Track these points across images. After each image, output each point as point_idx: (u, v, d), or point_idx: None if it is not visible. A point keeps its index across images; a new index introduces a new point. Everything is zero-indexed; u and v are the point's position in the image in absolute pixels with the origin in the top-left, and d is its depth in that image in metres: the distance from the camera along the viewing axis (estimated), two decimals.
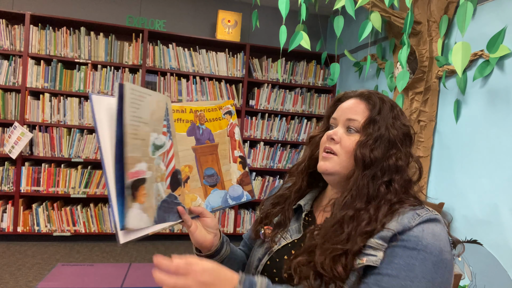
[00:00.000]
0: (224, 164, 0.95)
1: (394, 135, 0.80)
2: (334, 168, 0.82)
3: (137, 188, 0.72)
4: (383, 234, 0.70)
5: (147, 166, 0.74)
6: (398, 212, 0.73)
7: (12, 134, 3.26)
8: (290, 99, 3.93)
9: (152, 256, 3.11)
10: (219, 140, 0.95)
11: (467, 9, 1.73)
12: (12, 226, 3.35)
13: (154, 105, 0.77)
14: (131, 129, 0.70)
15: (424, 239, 0.68)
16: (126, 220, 0.69)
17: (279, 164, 3.94)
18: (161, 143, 0.79)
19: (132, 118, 0.70)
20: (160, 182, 0.78)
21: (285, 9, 2.24)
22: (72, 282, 2.67)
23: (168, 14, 3.90)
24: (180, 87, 3.70)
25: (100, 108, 0.72)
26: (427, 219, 0.71)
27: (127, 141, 0.69)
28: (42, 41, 3.39)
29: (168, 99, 0.84)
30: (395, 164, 0.78)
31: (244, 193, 0.96)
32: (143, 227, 0.73)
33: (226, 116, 0.97)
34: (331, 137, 0.83)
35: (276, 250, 0.85)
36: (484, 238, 2.06)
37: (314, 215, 0.90)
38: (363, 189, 0.76)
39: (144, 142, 0.74)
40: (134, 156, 0.71)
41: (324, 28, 4.30)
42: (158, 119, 0.79)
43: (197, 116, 0.93)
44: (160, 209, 0.77)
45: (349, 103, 0.85)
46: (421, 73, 2.45)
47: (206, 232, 0.87)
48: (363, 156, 0.78)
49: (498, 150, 2.03)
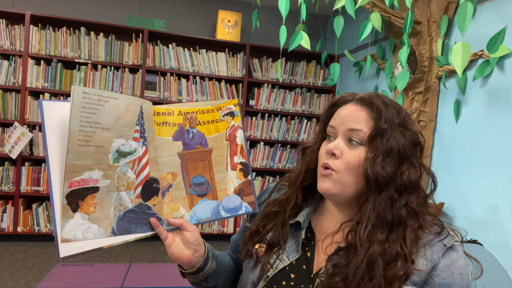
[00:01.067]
0: (219, 172, 0.85)
1: (405, 146, 0.73)
2: (336, 188, 0.74)
3: (83, 197, 0.68)
4: (416, 279, 0.68)
5: (102, 174, 0.71)
6: (423, 242, 0.70)
7: (12, 134, 3.26)
8: (290, 99, 3.93)
9: (152, 256, 3.09)
10: (215, 144, 0.85)
11: (467, 9, 1.73)
12: (12, 226, 3.35)
13: (122, 109, 0.73)
14: (80, 136, 0.67)
15: (455, 285, 0.69)
16: (64, 231, 0.66)
17: (279, 164, 3.94)
18: (129, 150, 0.74)
19: (83, 124, 0.67)
20: (126, 191, 0.74)
21: (285, 9, 2.23)
22: (72, 282, 2.67)
23: (168, 14, 3.90)
24: (180, 87, 3.70)
25: (51, 114, 0.69)
26: (450, 247, 0.71)
27: (69, 148, 0.66)
28: (42, 41, 3.39)
29: (144, 102, 0.78)
30: (409, 180, 0.71)
31: (242, 205, 0.84)
32: (90, 238, 0.68)
33: (226, 117, 0.87)
34: (332, 152, 0.74)
35: (272, 275, 0.77)
36: (484, 238, 2.06)
37: (313, 229, 0.83)
38: (383, 216, 0.70)
39: (100, 149, 0.70)
40: (79, 164, 0.68)
41: (324, 28, 4.30)
42: (127, 124, 0.74)
43: (187, 119, 0.84)
44: (123, 220, 0.73)
45: (348, 109, 0.77)
46: (421, 73, 2.44)
47: (184, 247, 0.78)
48: (376, 175, 0.70)
49: (498, 150, 2.03)
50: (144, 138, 0.77)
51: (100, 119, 0.70)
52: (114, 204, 0.72)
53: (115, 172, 0.73)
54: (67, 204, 0.67)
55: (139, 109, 0.76)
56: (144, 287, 2.69)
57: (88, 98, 0.68)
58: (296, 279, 0.76)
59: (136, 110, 0.76)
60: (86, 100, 0.68)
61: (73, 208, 0.68)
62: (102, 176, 0.71)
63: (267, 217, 0.85)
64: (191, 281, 0.84)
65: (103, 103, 0.70)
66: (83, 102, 0.67)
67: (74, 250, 0.67)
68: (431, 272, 0.69)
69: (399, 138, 0.73)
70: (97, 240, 0.69)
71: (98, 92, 0.69)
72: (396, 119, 0.74)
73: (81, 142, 0.68)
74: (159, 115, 0.82)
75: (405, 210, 0.70)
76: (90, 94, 0.68)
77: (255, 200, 0.86)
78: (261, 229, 0.84)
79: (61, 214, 0.66)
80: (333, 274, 0.69)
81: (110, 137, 0.72)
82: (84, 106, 0.67)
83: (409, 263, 0.67)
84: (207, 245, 0.84)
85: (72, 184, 0.67)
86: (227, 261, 0.92)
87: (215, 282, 0.86)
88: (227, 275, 0.90)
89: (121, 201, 0.73)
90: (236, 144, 0.87)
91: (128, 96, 0.75)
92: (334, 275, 0.69)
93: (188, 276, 0.83)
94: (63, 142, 0.68)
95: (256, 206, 0.86)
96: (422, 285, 0.69)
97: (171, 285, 2.73)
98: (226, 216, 0.83)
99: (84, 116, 0.68)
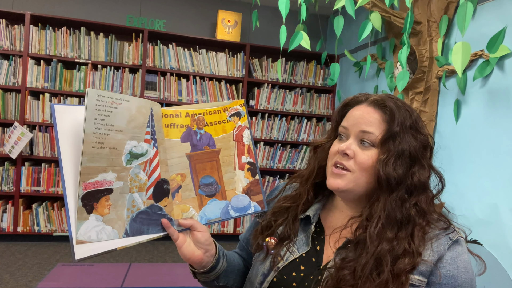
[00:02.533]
0: (227, 172, 0.86)
1: (416, 148, 0.75)
2: (348, 186, 0.76)
3: (98, 199, 0.69)
4: (422, 269, 0.71)
5: (116, 176, 0.71)
6: (429, 236, 0.73)
7: (12, 134, 3.26)
8: (290, 99, 3.93)
9: (152, 256, 3.09)
10: (222, 145, 0.86)
11: (467, 9, 1.73)
12: (12, 226, 3.35)
13: (133, 111, 0.74)
14: (94, 138, 0.68)
15: (460, 277, 0.71)
16: (79, 233, 0.67)
17: (279, 164, 3.94)
18: (141, 152, 0.75)
19: (97, 126, 0.68)
20: (138, 193, 0.74)
21: (285, 9, 2.23)
22: (72, 282, 2.67)
23: (168, 14, 3.90)
24: (180, 87, 3.69)
25: (64, 118, 0.69)
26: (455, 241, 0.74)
27: (84, 150, 0.67)
28: (42, 41, 3.39)
29: (154, 104, 0.79)
30: (419, 181, 0.74)
31: (251, 204, 0.85)
32: (104, 240, 0.69)
33: (233, 118, 0.88)
34: (345, 152, 0.76)
35: (282, 266, 0.80)
36: (484, 238, 2.06)
37: (322, 224, 0.85)
38: (393, 215, 0.72)
39: (114, 151, 0.71)
40: (94, 166, 0.68)
41: (324, 28, 4.30)
42: (139, 126, 0.75)
43: (194, 120, 0.85)
44: (135, 221, 0.73)
45: (361, 111, 0.78)
46: (421, 73, 2.44)
47: (195, 247, 0.79)
48: (388, 176, 0.73)
49: (498, 150, 2.03)
50: (155, 139, 0.78)
51: (113, 121, 0.71)
52: (127, 206, 0.73)
53: (128, 174, 0.74)
54: (82, 206, 0.68)
55: (150, 111, 0.77)
56: (144, 287, 2.69)
57: (101, 100, 0.69)
58: (305, 271, 0.79)
59: (147, 112, 0.77)
60: (100, 102, 0.69)
61: (88, 210, 0.68)
62: (116, 178, 0.72)
63: (278, 212, 0.87)
64: (202, 280, 0.86)
65: (116, 106, 0.71)
66: (97, 105, 0.68)
67: (89, 252, 0.67)
68: (437, 263, 0.71)
69: (410, 140, 0.75)
70: (111, 241, 0.70)
71: (111, 95, 0.70)
72: (408, 122, 0.76)
73: (95, 145, 0.68)
74: (167, 117, 0.83)
75: (415, 209, 0.73)
76: (104, 96, 0.69)
77: (263, 199, 0.87)
78: (272, 223, 0.86)
79: (76, 216, 0.67)
80: (341, 267, 0.72)
81: (123, 139, 0.73)
82: (98, 109, 0.68)
83: (416, 258, 0.70)
84: (218, 244, 0.85)
85: (87, 186, 0.68)
86: (236, 260, 0.94)
87: (226, 281, 0.88)
88: (237, 273, 0.92)
89: (134, 203, 0.74)
90: (243, 144, 0.88)
91: (139, 99, 0.76)
92: (342, 269, 0.71)
93: (199, 276, 0.84)
94: (76, 145, 0.69)
95: (265, 205, 0.87)
96: (428, 275, 0.71)
97: (171, 285, 2.73)
98: (235, 215, 0.84)
99: (98, 119, 0.68)
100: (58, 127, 0.69)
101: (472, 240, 2.11)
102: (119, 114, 0.71)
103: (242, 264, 0.96)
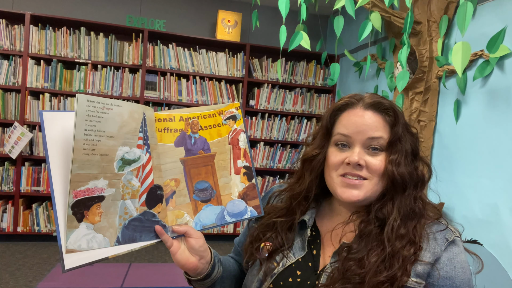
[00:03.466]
0: (223, 177, 0.83)
1: (415, 143, 0.79)
2: (367, 195, 0.75)
3: (89, 207, 0.68)
4: (419, 270, 0.71)
5: (107, 183, 0.70)
6: (426, 232, 0.74)
7: (12, 134, 3.26)
8: (290, 99, 3.93)
9: (152, 256, 3.09)
10: (217, 149, 0.84)
11: (467, 9, 1.73)
12: (12, 226, 3.35)
13: (125, 116, 0.72)
14: (84, 144, 0.67)
15: (457, 278, 0.72)
16: (69, 242, 0.65)
17: (279, 164, 3.94)
18: (134, 157, 0.74)
19: (87, 133, 0.67)
20: (131, 199, 0.73)
21: (285, 9, 2.23)
22: (72, 282, 2.67)
23: (168, 14, 3.90)
24: (180, 87, 3.70)
25: (53, 125, 0.68)
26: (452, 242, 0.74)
27: (75, 157, 0.65)
28: (42, 41, 3.39)
29: (147, 108, 0.78)
30: (422, 173, 0.78)
31: (247, 209, 0.83)
32: (95, 248, 0.68)
33: (228, 121, 0.86)
34: (358, 163, 0.74)
35: (278, 272, 0.78)
36: (484, 238, 2.06)
37: (318, 228, 0.84)
38: (407, 212, 0.74)
39: (105, 157, 0.70)
40: (85, 173, 0.67)
41: (324, 28, 4.30)
42: (131, 131, 0.74)
43: (188, 124, 0.83)
44: (128, 229, 0.72)
45: (361, 116, 0.77)
46: (421, 73, 2.44)
47: (189, 254, 0.77)
48: (402, 176, 0.74)
49: (498, 150, 2.03)
50: (148, 145, 0.77)
51: (105, 127, 0.69)
52: (119, 213, 0.72)
53: (120, 181, 0.72)
54: (73, 214, 0.66)
55: (142, 116, 0.76)
56: (144, 287, 2.69)
57: (92, 106, 0.67)
58: (302, 276, 0.78)
59: (139, 117, 0.75)
60: (91, 108, 0.67)
61: (78, 218, 0.67)
62: (107, 184, 0.70)
63: (266, 225, 0.85)
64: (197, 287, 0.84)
65: (107, 111, 0.70)
66: (88, 111, 0.67)
67: (79, 261, 0.65)
68: (433, 265, 0.71)
69: (410, 138, 0.79)
70: (102, 250, 0.69)
71: (102, 100, 0.69)
72: (403, 121, 0.78)
73: (86, 151, 0.67)
74: (160, 121, 0.81)
75: (420, 202, 0.76)
76: (94, 102, 0.68)
77: (260, 204, 0.84)
78: (261, 236, 0.84)
79: (65, 225, 0.65)
80: (348, 259, 0.72)
81: (114, 145, 0.71)
82: (88, 115, 0.67)
83: (417, 246, 0.71)
84: (213, 250, 0.84)
85: (78, 194, 0.67)
86: (231, 265, 0.92)
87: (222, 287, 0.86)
88: (232, 280, 0.90)
89: (126, 210, 0.73)
90: (239, 148, 0.85)
91: (131, 103, 0.75)
92: (349, 260, 0.72)
93: (194, 283, 0.83)
94: (65, 152, 0.67)
95: (262, 210, 0.84)
96: (426, 277, 0.71)
97: (171, 285, 2.73)
98: (231, 221, 0.82)
99: (89, 125, 0.67)
100: (47, 134, 0.67)
101: (472, 240, 2.11)
102: (110, 120, 0.70)
103: (238, 269, 0.94)
